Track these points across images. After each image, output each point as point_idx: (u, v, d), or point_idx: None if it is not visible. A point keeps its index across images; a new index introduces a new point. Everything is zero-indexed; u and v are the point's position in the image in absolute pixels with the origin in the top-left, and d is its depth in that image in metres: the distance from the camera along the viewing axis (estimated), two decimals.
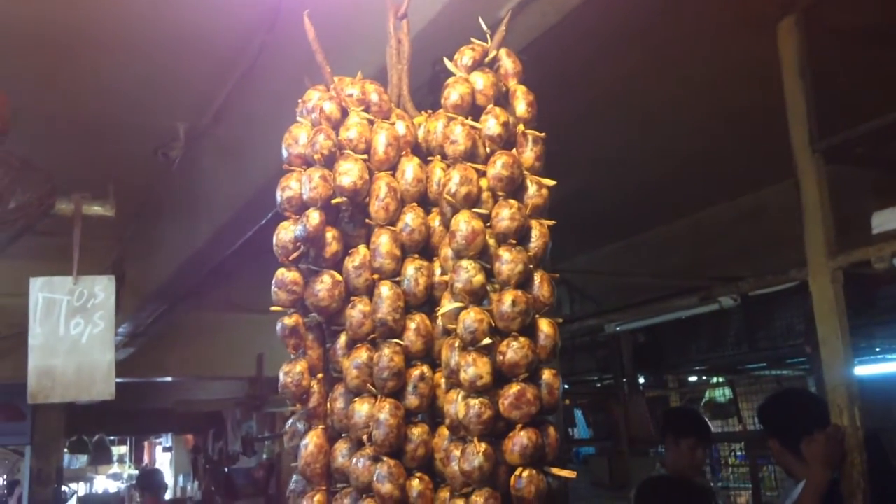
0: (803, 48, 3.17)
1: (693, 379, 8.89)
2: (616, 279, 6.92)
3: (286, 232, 1.68)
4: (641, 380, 7.95)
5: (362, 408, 1.61)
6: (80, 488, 14.40)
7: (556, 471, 1.56)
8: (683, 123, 4.64)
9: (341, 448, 1.65)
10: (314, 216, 1.62)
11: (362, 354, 1.63)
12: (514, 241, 1.60)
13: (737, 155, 5.08)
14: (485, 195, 1.65)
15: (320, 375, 1.70)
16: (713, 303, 4.84)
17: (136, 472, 13.49)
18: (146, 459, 16.14)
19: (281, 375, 1.66)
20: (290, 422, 1.75)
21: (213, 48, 3.73)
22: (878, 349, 6.69)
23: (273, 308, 1.67)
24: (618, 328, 5.58)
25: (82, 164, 4.60)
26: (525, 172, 1.67)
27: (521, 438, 1.52)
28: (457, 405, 1.55)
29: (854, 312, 3.18)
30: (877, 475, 2.93)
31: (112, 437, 14.34)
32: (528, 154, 1.69)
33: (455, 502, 1.54)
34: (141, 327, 6.84)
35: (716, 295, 4.84)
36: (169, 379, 9.67)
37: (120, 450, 15.67)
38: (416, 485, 1.57)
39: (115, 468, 15.39)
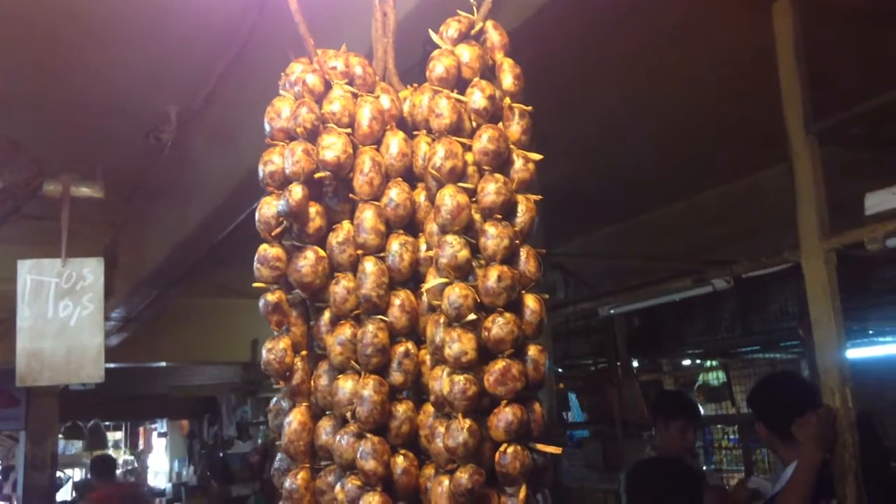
0: (798, 30, 3.15)
1: (687, 363, 8.90)
2: (610, 263, 6.92)
3: (269, 207, 1.66)
4: (635, 363, 7.96)
5: (346, 384, 1.59)
6: (76, 474, 14.42)
7: (541, 447, 1.54)
8: (678, 105, 4.62)
9: (325, 425, 1.64)
10: (297, 191, 1.60)
11: (346, 331, 1.61)
12: (499, 216, 1.58)
13: (732, 137, 5.07)
14: (470, 169, 1.63)
15: (304, 352, 1.68)
16: (706, 285, 4.83)
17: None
18: (141, 444, 16.17)
19: (264, 353, 1.64)
20: (274, 400, 1.74)
21: (203, 31, 3.69)
22: (871, 332, 6.70)
23: (256, 284, 1.65)
24: (612, 311, 5.56)
25: (73, 148, 4.57)
26: (511, 146, 1.65)
27: (506, 414, 1.50)
28: (441, 381, 1.53)
29: (847, 295, 3.18)
30: (868, 457, 2.94)
31: (107, 423, 14.35)
32: (515, 128, 1.67)
33: (440, 479, 1.52)
34: (134, 312, 6.82)
35: (709, 277, 4.83)
36: (163, 364, 9.68)
37: (115, 435, 15.69)
38: (400, 461, 1.55)
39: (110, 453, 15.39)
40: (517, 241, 1.60)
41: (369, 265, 1.61)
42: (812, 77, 3.12)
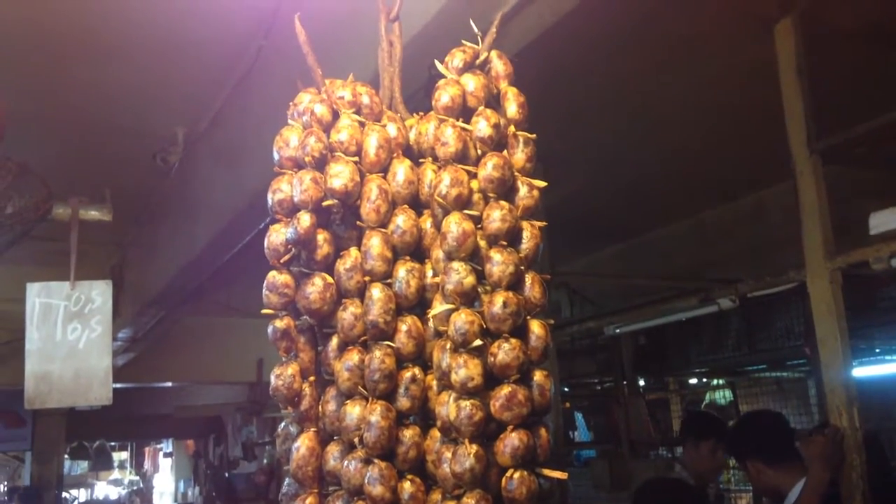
0: (801, 49, 3.18)
1: (694, 381, 8.87)
2: (616, 282, 6.92)
3: (277, 235, 1.68)
4: (642, 382, 7.94)
5: (354, 410, 1.61)
6: (82, 494, 14.40)
7: (547, 472, 1.55)
8: (682, 125, 4.65)
9: (333, 450, 1.65)
10: (305, 218, 1.62)
11: (354, 357, 1.63)
12: (505, 243, 1.60)
13: (737, 156, 5.09)
14: (476, 197, 1.65)
15: (312, 378, 1.70)
16: (712, 304, 4.83)
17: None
18: (148, 465, 16.15)
19: (272, 378, 1.66)
20: (282, 425, 1.75)
21: (210, 54, 3.74)
22: (877, 350, 6.69)
23: (264, 311, 1.67)
24: (617, 330, 5.56)
25: (80, 170, 4.61)
26: (516, 174, 1.67)
27: (512, 440, 1.51)
28: (448, 407, 1.54)
29: (853, 314, 3.18)
30: (876, 477, 2.93)
31: (113, 443, 14.34)
32: (519, 155, 1.69)
33: None
34: (140, 332, 6.85)
35: (715, 296, 4.83)
36: (169, 384, 9.68)
37: (121, 456, 15.68)
38: (407, 487, 1.57)
39: (115, 474, 15.39)
40: (522, 268, 1.62)
41: (376, 291, 1.63)
42: (815, 97, 3.15)
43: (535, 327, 1.61)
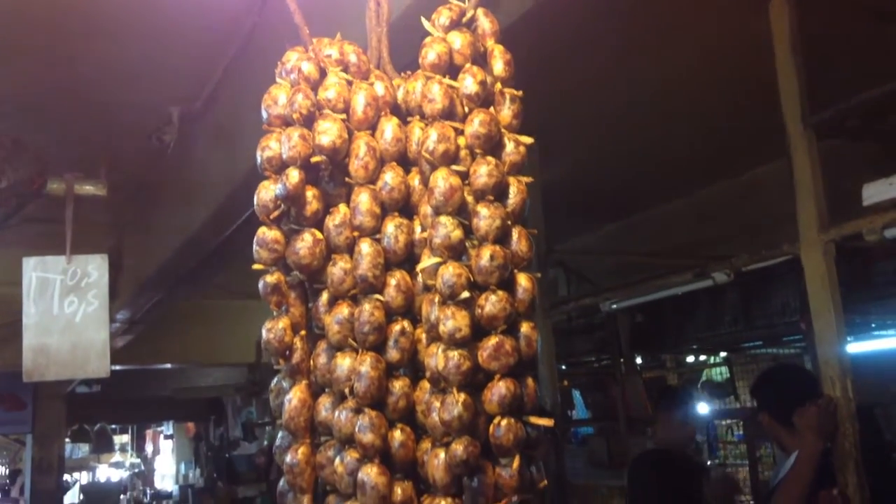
0: (795, 23, 3.18)
1: (691, 359, 8.93)
2: (613, 260, 6.95)
3: (266, 191, 1.71)
4: (639, 360, 7.99)
5: (344, 362, 1.63)
6: (83, 477, 14.48)
7: (534, 420, 1.58)
8: (679, 102, 4.66)
9: (325, 402, 1.68)
10: (294, 174, 1.64)
11: (343, 310, 1.66)
12: (492, 198, 1.63)
13: (734, 133, 5.10)
14: (463, 153, 1.67)
15: (303, 332, 1.72)
16: (707, 279, 4.86)
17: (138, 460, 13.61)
18: (148, 448, 16.24)
19: (264, 332, 1.69)
20: (274, 380, 1.78)
21: (204, 31, 3.74)
22: (873, 325, 6.72)
23: (255, 266, 1.69)
24: (613, 306, 5.58)
25: (75, 152, 4.61)
26: (503, 130, 1.69)
27: (499, 388, 1.54)
28: (437, 358, 1.57)
29: (849, 289, 3.20)
30: (869, 447, 2.95)
31: (114, 426, 14.41)
32: (506, 112, 1.71)
33: (436, 451, 1.56)
34: (139, 314, 6.87)
35: (709, 271, 4.86)
36: (168, 366, 9.73)
37: (122, 439, 15.75)
38: (397, 435, 1.60)
39: (117, 457, 15.47)
40: (509, 222, 1.64)
41: (365, 246, 1.65)
42: (809, 71, 3.16)
43: (522, 280, 1.64)
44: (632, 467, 4.43)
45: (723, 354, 8.52)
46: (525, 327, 1.62)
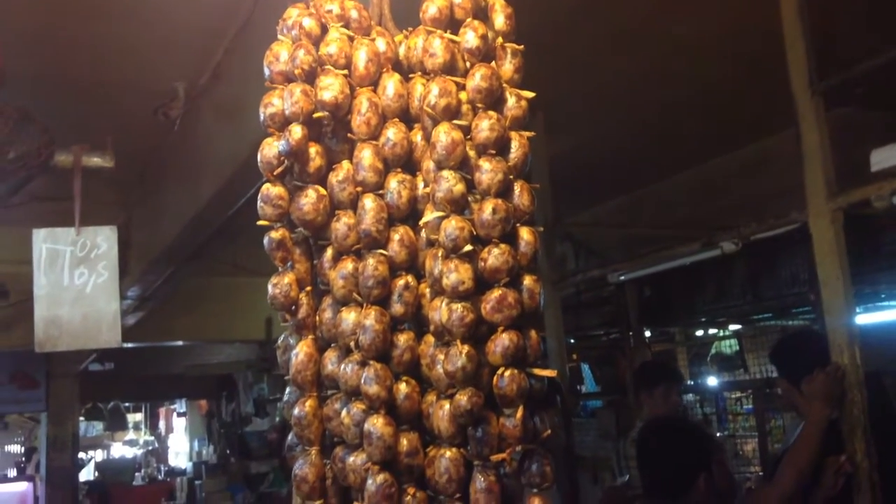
0: None
1: (700, 333, 8.92)
2: (621, 233, 6.94)
3: (270, 148, 1.72)
4: (648, 334, 7.98)
5: (349, 316, 1.65)
6: (98, 455, 14.66)
7: (537, 371, 1.59)
8: (686, 73, 4.62)
9: (331, 356, 1.70)
10: (296, 130, 1.65)
11: (348, 265, 1.67)
12: (493, 152, 1.63)
13: (741, 103, 5.06)
14: (464, 108, 1.68)
15: (308, 288, 1.74)
16: (715, 248, 4.85)
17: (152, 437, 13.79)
18: (161, 425, 16.41)
19: (269, 287, 1.70)
20: (281, 337, 1.79)
21: (208, 4, 3.73)
22: (882, 296, 6.69)
23: (260, 222, 1.71)
24: (621, 277, 5.58)
25: (82, 126, 4.63)
26: (504, 85, 1.69)
27: (503, 340, 1.55)
28: (440, 311, 1.58)
29: (857, 259, 3.18)
30: (877, 414, 2.95)
31: (127, 405, 14.57)
32: (507, 67, 1.71)
33: (441, 403, 1.58)
34: (149, 291, 6.91)
35: (717, 240, 4.85)
36: (179, 343, 9.79)
37: (135, 417, 15.92)
38: (403, 388, 1.61)
39: (130, 435, 15.65)
40: (511, 176, 1.65)
41: (368, 202, 1.66)
42: (817, 39, 3.13)
43: (525, 233, 1.65)
44: (641, 436, 4.43)
45: (732, 328, 8.51)
46: (528, 280, 1.63)
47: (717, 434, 7.71)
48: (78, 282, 3.31)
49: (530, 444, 1.58)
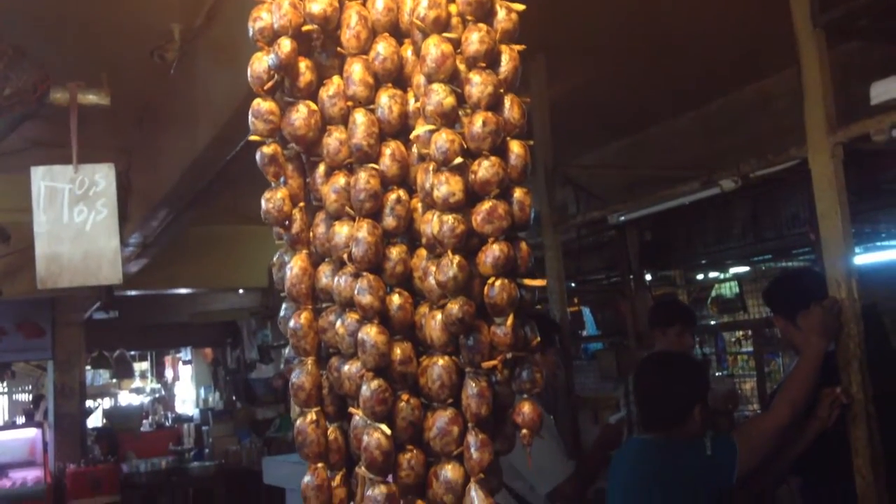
0: None
1: (700, 277, 8.96)
2: (621, 176, 6.92)
3: (259, 63, 1.72)
4: (648, 277, 8.01)
5: (342, 229, 1.67)
6: (106, 403, 14.88)
7: (528, 281, 1.62)
8: (686, 11, 4.56)
9: (325, 269, 1.73)
10: (286, 44, 1.65)
11: (340, 179, 1.68)
12: (483, 65, 1.63)
13: (742, 41, 5.00)
14: (454, 21, 1.67)
15: (302, 204, 1.76)
16: (714, 186, 4.84)
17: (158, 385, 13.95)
18: (168, 373, 16.62)
19: (263, 203, 1.72)
20: (276, 255, 1.82)
21: None
22: (882, 235, 6.70)
23: (252, 137, 1.71)
24: (622, 218, 5.58)
25: (78, 68, 4.60)
26: None
27: (493, 250, 1.57)
28: (432, 224, 1.60)
29: (857, 197, 3.16)
30: (873, 347, 2.96)
31: (133, 353, 14.74)
32: None
33: (433, 313, 1.61)
34: (151, 237, 6.94)
35: (717, 178, 4.84)
36: (183, 291, 9.86)
37: (141, 365, 16.11)
38: (395, 299, 1.64)
39: (137, 383, 15.86)
40: (501, 90, 1.65)
41: (359, 116, 1.67)
42: None
43: (515, 147, 1.65)
44: (640, 368, 4.48)
45: (732, 271, 8.54)
46: (518, 193, 1.64)
47: (717, 374, 7.80)
48: (77, 219, 3.33)
49: (520, 351, 1.61)
